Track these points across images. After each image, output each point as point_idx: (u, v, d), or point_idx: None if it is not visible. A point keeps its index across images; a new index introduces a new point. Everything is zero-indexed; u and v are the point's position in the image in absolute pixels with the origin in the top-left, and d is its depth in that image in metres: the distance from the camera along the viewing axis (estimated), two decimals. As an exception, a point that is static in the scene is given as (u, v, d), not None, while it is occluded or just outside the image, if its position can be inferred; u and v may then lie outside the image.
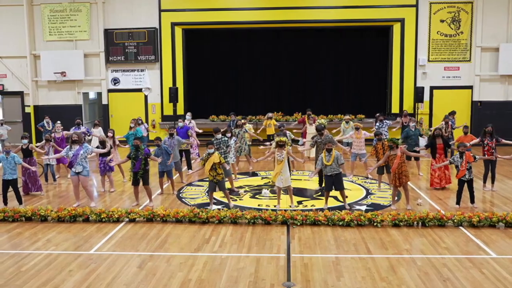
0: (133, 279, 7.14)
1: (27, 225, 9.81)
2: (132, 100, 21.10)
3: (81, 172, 10.85)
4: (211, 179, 10.56)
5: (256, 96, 21.85)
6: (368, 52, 21.40)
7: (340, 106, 20.89)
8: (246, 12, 20.54)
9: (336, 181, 10.51)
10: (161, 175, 12.10)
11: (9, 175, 10.94)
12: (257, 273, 7.29)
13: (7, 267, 7.62)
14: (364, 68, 21.53)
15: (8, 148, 11.08)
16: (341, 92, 21.76)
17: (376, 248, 8.32)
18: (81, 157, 10.83)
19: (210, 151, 10.54)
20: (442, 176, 12.39)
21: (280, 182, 10.63)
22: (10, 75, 21.46)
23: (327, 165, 10.46)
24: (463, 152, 10.54)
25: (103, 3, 20.76)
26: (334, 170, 10.46)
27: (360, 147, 13.61)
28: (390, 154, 10.66)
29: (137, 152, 10.84)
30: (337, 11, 20.20)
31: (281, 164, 10.56)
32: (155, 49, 20.79)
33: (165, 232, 9.24)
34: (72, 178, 11.09)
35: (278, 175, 10.59)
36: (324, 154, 10.55)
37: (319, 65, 21.68)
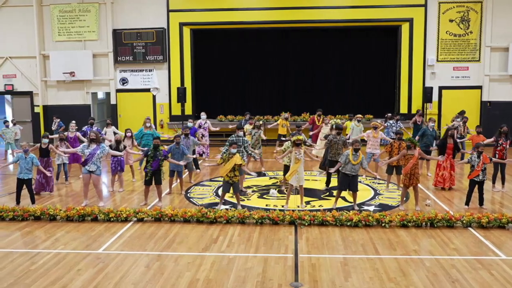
0: (141, 278, 7.17)
1: (36, 224, 9.87)
2: (140, 100, 21.18)
3: (94, 171, 10.91)
4: (227, 179, 10.48)
5: (264, 96, 21.84)
6: (376, 52, 21.33)
7: (347, 106, 20.81)
8: (254, 12, 20.54)
9: (352, 182, 10.47)
10: (171, 174, 12.11)
11: (25, 174, 11.00)
12: (265, 273, 7.29)
13: (16, 266, 7.67)
14: (372, 68, 21.45)
15: (26, 147, 11.14)
16: (349, 92, 21.69)
17: (384, 249, 8.29)
18: (97, 157, 10.90)
19: (233, 151, 10.50)
20: (447, 176, 12.32)
21: (294, 181, 10.61)
22: (20, 75, 21.61)
23: (351, 164, 10.37)
24: (481, 152, 10.47)
25: (112, 3, 20.86)
26: (354, 171, 10.41)
27: (375, 146, 13.48)
28: (407, 154, 10.55)
29: (155, 152, 10.86)
30: (345, 11, 20.16)
31: (298, 163, 10.53)
32: (163, 49, 20.85)
33: (173, 232, 9.26)
34: (84, 176, 11.14)
35: (294, 173, 10.57)
36: (351, 152, 10.46)
37: (327, 65, 21.64)
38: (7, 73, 21.66)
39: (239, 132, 12.44)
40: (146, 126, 14.77)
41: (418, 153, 10.53)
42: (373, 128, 13.64)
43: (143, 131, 14.65)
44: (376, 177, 12.09)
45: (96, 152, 10.90)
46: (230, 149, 10.60)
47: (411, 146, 10.53)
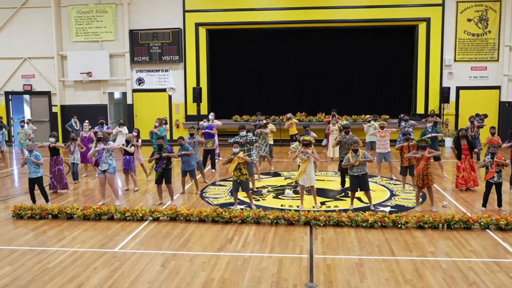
0: (156, 277, 7.21)
1: (54, 222, 9.99)
2: (156, 100, 21.31)
3: (107, 170, 11.01)
4: (235, 179, 10.57)
5: (280, 96, 21.80)
6: (392, 52, 21.18)
7: (364, 106, 20.71)
8: (269, 12, 20.55)
9: (362, 182, 10.44)
10: (183, 175, 12.18)
11: (34, 173, 11.14)
12: (280, 274, 7.28)
13: (34, 263, 7.77)
14: (389, 68, 21.31)
15: (31, 147, 11.29)
16: (365, 92, 21.55)
17: (400, 250, 8.22)
18: (106, 155, 10.99)
19: (235, 151, 10.56)
20: (468, 177, 12.18)
21: (303, 181, 10.60)
22: (38, 76, 21.91)
23: (354, 165, 10.39)
24: (494, 153, 10.35)
25: (129, 4, 21.02)
26: (361, 171, 10.39)
27: (385, 146, 13.42)
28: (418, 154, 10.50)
29: (160, 151, 10.97)
30: (362, 10, 20.06)
31: (305, 163, 10.53)
32: (179, 50, 20.95)
33: (188, 231, 9.30)
34: (99, 176, 11.27)
35: (302, 174, 10.56)
36: (351, 155, 10.47)
37: (342, 65, 21.54)
38: (26, 73, 21.97)
39: (242, 132, 12.53)
40: (155, 126, 14.94)
41: (428, 152, 10.45)
42: (380, 128, 13.59)
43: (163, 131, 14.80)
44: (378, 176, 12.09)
45: (103, 151, 11.01)
46: (233, 149, 10.67)
47: (425, 146, 10.44)
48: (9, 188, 13.51)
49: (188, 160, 11.91)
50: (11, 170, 16.21)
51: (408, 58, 20.82)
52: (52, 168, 12.37)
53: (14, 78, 22.03)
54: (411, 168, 12.00)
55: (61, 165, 12.53)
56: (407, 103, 20.98)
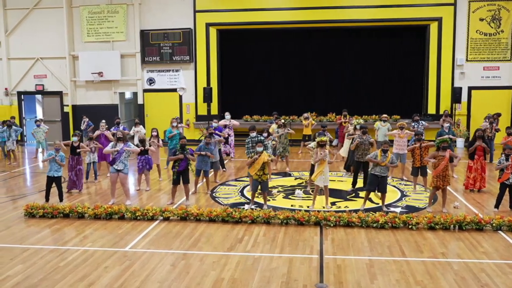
0: (166, 276, 7.23)
1: (65, 221, 10.06)
2: (167, 100, 21.38)
3: (122, 170, 11.08)
4: (256, 178, 10.55)
5: (290, 96, 21.78)
6: (404, 52, 21.07)
7: (375, 107, 20.63)
8: (280, 12, 20.52)
9: (381, 183, 10.41)
10: (197, 174, 12.17)
11: (55, 172, 11.22)
12: (290, 274, 7.27)
13: (46, 262, 7.83)
14: (400, 68, 21.21)
15: (58, 146, 11.38)
16: (376, 93, 21.47)
17: (411, 251, 8.18)
18: (125, 156, 11.07)
19: (259, 150, 10.54)
20: (478, 178, 12.08)
21: (321, 181, 10.57)
22: (50, 76, 22.08)
23: (380, 165, 10.31)
24: (509, 155, 10.25)
25: (140, 4, 21.12)
26: (383, 172, 10.35)
27: (402, 147, 13.28)
28: (438, 155, 10.38)
29: (183, 152, 10.98)
30: (373, 10, 19.97)
31: (323, 164, 10.50)
32: (190, 50, 21.00)
33: (198, 231, 9.32)
34: (111, 175, 11.32)
35: (320, 174, 10.53)
36: (380, 153, 10.40)
37: (353, 65, 21.47)
38: (38, 73, 22.16)
39: (252, 133, 12.58)
40: (173, 126, 14.91)
41: (449, 154, 10.35)
42: (399, 128, 13.46)
43: (172, 131, 14.78)
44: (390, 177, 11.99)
45: (123, 150, 11.06)
46: (256, 148, 10.63)
47: (446, 147, 10.34)
48: (21, 187, 13.63)
49: (206, 159, 11.93)
50: (23, 169, 16.35)
51: (419, 58, 20.68)
52: (74, 167, 12.44)
53: (26, 78, 22.23)
54: (422, 169, 11.96)
55: (82, 165, 12.63)
56: (418, 104, 20.85)
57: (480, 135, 12.15)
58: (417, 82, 20.91)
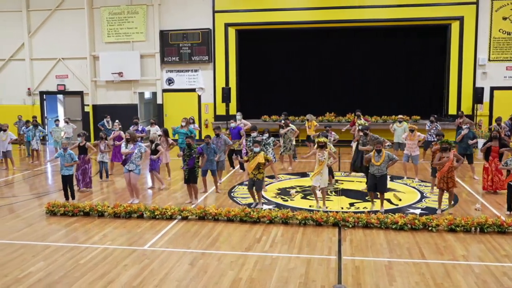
0: (185, 275, 7.27)
1: (85, 220, 10.18)
2: (186, 100, 21.51)
3: (133, 170, 11.20)
4: (251, 177, 10.67)
5: (308, 96, 21.70)
6: (424, 52, 20.86)
7: (395, 107, 20.46)
8: (298, 12, 20.48)
9: (380, 182, 10.39)
10: (204, 174, 12.21)
11: (66, 170, 11.42)
12: (308, 274, 7.24)
13: (66, 259, 7.94)
14: (420, 68, 21.00)
15: (66, 145, 11.57)
16: (396, 93, 21.28)
17: (430, 253, 8.08)
18: (135, 156, 11.17)
19: (256, 150, 10.68)
20: (496, 179, 11.89)
21: (317, 182, 10.57)
22: (71, 76, 22.39)
23: (375, 166, 10.31)
24: None
25: (159, 5, 21.28)
26: (381, 171, 10.31)
27: (413, 149, 13.30)
28: (442, 156, 10.31)
29: (190, 151, 11.07)
30: (393, 10, 19.81)
31: (322, 165, 10.49)
32: (209, 50, 21.09)
33: (216, 231, 9.35)
34: (125, 175, 11.48)
35: (317, 175, 10.52)
36: (373, 154, 10.40)
37: (372, 65, 21.32)
38: (59, 73, 22.49)
39: (252, 134, 12.78)
40: (182, 125, 15.11)
41: (454, 155, 10.23)
42: (410, 131, 13.43)
43: (178, 130, 14.99)
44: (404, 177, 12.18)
45: (133, 151, 11.18)
46: (253, 148, 10.74)
47: (447, 148, 10.24)
48: (44, 186, 13.85)
49: (211, 159, 11.98)
50: (45, 168, 16.60)
51: (440, 58, 20.45)
52: (81, 166, 12.64)
53: (48, 78, 22.59)
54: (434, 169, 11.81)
55: (88, 164, 12.80)
56: (439, 104, 20.61)
57: (495, 135, 11.97)
58: (438, 82, 20.67)
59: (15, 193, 12.95)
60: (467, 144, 13.54)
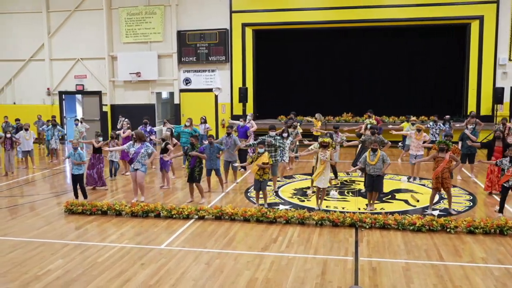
0: (201, 275, 7.29)
1: (103, 218, 10.29)
2: (203, 100, 21.57)
3: (139, 169, 11.32)
4: (257, 178, 10.66)
5: (325, 96, 21.61)
6: (443, 52, 20.62)
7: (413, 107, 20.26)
8: (315, 12, 20.40)
9: (376, 182, 10.38)
10: (208, 173, 12.25)
11: (76, 170, 11.56)
12: (324, 275, 7.21)
13: (85, 258, 8.03)
14: (439, 68, 20.77)
15: (76, 145, 11.69)
16: (415, 93, 21.07)
17: (449, 255, 7.99)
18: (141, 155, 11.27)
19: (260, 151, 10.70)
20: (494, 180, 11.70)
21: (320, 183, 10.52)
22: (90, 76, 22.63)
23: (370, 165, 10.30)
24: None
25: (177, 5, 21.39)
26: (377, 171, 10.32)
27: (418, 149, 13.27)
28: (438, 156, 10.23)
29: (192, 150, 11.13)
30: (411, 9, 19.60)
31: (324, 165, 10.45)
32: (226, 50, 21.13)
33: (233, 231, 9.36)
34: (131, 173, 11.63)
35: (320, 175, 10.48)
36: (368, 154, 10.41)
37: (391, 65, 21.13)
38: (78, 73, 22.75)
39: (271, 133, 12.60)
40: (186, 125, 15.17)
41: (449, 156, 10.12)
42: (417, 131, 13.35)
43: (181, 129, 15.06)
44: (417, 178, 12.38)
45: (140, 150, 11.30)
46: (258, 148, 10.71)
47: (444, 148, 10.13)
48: (62, 185, 14.02)
49: (214, 158, 12.00)
50: (64, 167, 16.81)
51: (459, 58, 20.20)
52: (95, 165, 12.78)
53: (67, 79, 22.87)
54: None
55: (103, 163, 12.94)
56: (458, 104, 20.36)
57: (498, 136, 11.80)
58: (457, 82, 20.42)
59: (35, 191, 13.14)
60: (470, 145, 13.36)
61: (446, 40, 20.68)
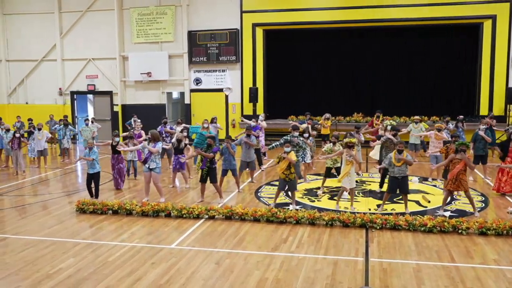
0: (211, 274, 7.30)
1: (114, 218, 10.34)
2: (213, 100, 21.60)
3: (154, 169, 11.30)
4: (283, 177, 10.56)
5: (335, 96, 21.57)
6: (454, 51, 20.51)
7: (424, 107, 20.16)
8: (326, 12, 20.36)
9: (402, 184, 10.20)
10: (224, 173, 12.26)
11: (91, 169, 11.64)
12: (334, 276, 7.19)
13: (96, 256, 8.07)
14: (450, 68, 20.62)
15: (91, 145, 11.74)
16: (425, 93, 20.96)
17: (460, 257, 7.92)
18: (155, 155, 11.28)
19: (287, 150, 10.54)
20: (509, 181, 11.57)
21: (347, 183, 10.45)
22: (101, 76, 22.77)
23: (396, 166, 10.12)
24: None
25: (187, 5, 21.45)
26: (402, 172, 10.12)
27: (438, 149, 13.02)
28: (455, 158, 10.07)
29: (207, 151, 11.12)
30: (423, 9, 19.51)
31: (350, 165, 10.38)
32: (236, 50, 21.15)
33: (243, 230, 9.36)
34: (144, 174, 11.59)
35: (346, 175, 10.41)
36: (394, 154, 10.22)
37: (401, 65, 21.05)
38: (89, 73, 22.90)
39: (294, 133, 12.55)
40: (203, 127, 15.17)
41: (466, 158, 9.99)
42: (437, 130, 13.18)
43: (198, 131, 15.05)
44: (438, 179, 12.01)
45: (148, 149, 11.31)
46: (284, 148, 10.64)
47: (462, 150, 9.99)
48: (74, 184, 14.12)
49: (229, 159, 12.00)
50: (75, 166, 16.93)
51: (471, 58, 20.04)
52: (115, 166, 12.83)
53: (79, 79, 23.04)
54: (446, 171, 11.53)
55: (123, 163, 12.98)
56: (470, 105, 20.20)
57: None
58: (469, 82, 20.26)
59: (47, 190, 13.25)
60: (484, 145, 13.24)
61: (458, 40, 20.53)
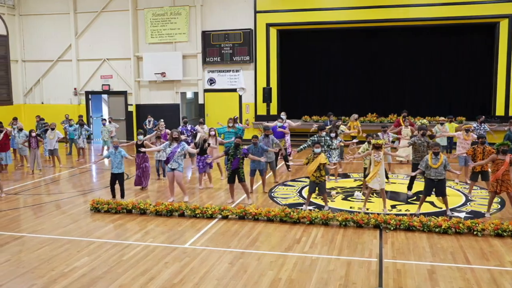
0: (224, 274, 7.32)
1: (128, 217, 10.41)
2: (227, 100, 21.66)
3: (177, 169, 11.33)
4: (313, 179, 10.43)
5: (349, 97, 21.49)
6: (470, 51, 20.30)
7: (439, 108, 19.99)
8: (340, 11, 20.27)
9: (439, 186, 9.98)
10: (252, 174, 12.26)
11: (116, 169, 11.69)
12: (348, 277, 7.16)
13: (110, 255, 8.14)
14: (466, 68, 20.43)
15: (116, 144, 11.83)
16: (441, 93, 20.78)
17: (475, 258, 7.84)
18: (178, 155, 11.32)
19: (316, 151, 10.40)
20: None
21: (376, 184, 10.34)
22: (116, 76, 22.94)
23: (433, 168, 9.96)
24: None
25: (201, 6, 21.52)
26: (439, 175, 9.93)
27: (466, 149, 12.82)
28: (497, 159, 9.87)
29: (236, 151, 11.11)
30: (438, 8, 19.33)
31: (378, 166, 10.27)
32: (250, 50, 21.16)
33: (256, 230, 9.37)
34: (168, 174, 11.63)
35: (375, 176, 10.30)
36: (430, 157, 10.05)
37: (415, 65, 20.90)
38: (104, 74, 23.08)
39: (322, 133, 12.46)
40: (229, 126, 15.15)
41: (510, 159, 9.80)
42: (465, 131, 12.98)
43: (225, 130, 15.05)
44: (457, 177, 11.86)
45: (177, 150, 11.33)
46: (314, 149, 10.53)
47: (506, 150, 9.80)
48: (88, 183, 14.24)
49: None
50: (90, 166, 17.08)
51: (487, 57, 19.82)
52: (140, 165, 12.88)
53: (93, 79, 23.23)
54: (483, 173, 11.35)
55: (148, 162, 13.03)
56: (486, 105, 19.98)
57: None
58: (485, 82, 20.04)
59: (62, 190, 13.39)
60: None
61: (474, 39, 20.33)
